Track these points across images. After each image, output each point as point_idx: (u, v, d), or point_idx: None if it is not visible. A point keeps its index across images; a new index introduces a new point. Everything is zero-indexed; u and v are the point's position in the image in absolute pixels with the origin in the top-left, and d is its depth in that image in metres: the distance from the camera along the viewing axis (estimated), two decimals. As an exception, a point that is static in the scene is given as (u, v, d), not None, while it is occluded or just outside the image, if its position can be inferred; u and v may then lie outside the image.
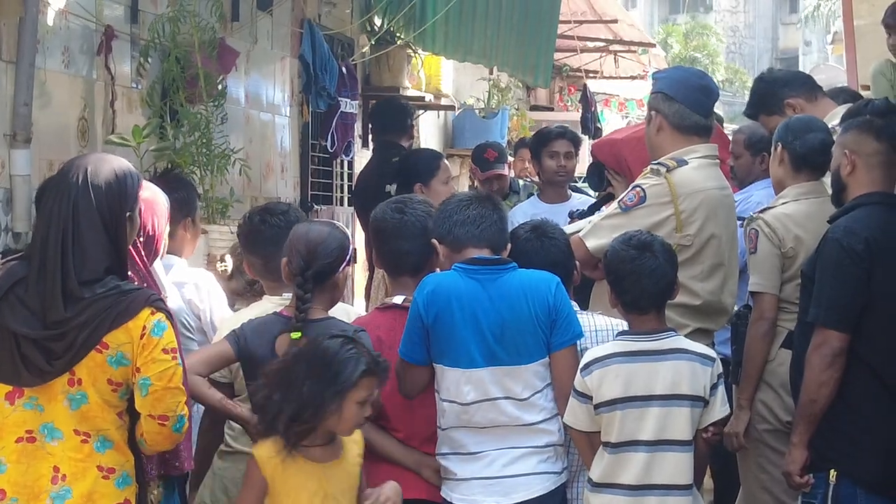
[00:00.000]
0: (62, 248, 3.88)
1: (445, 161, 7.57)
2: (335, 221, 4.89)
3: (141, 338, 3.92)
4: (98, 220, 3.93)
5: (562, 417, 4.63)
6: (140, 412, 3.99)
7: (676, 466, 4.51)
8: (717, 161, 5.54)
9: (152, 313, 3.95)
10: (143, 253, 4.45)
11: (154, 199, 4.57)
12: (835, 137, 5.34)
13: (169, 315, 3.99)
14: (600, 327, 4.84)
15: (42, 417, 3.93)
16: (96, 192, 3.95)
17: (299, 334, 4.49)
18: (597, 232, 5.36)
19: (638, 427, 4.50)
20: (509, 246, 4.77)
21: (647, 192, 5.33)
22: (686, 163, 5.39)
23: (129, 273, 4.22)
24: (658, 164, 5.39)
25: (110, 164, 4.05)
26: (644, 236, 4.72)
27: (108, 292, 3.90)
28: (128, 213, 4.01)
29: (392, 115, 9.11)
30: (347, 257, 4.68)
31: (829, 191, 5.32)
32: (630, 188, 5.47)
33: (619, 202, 5.46)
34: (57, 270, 3.86)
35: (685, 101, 5.47)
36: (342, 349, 4.16)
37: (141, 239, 4.42)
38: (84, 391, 3.93)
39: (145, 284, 4.35)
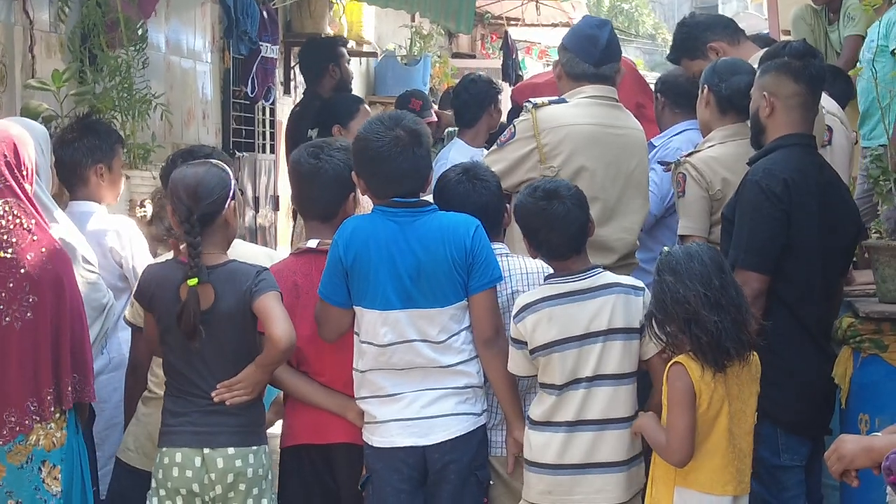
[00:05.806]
0: None
1: (366, 106, 7.57)
2: (212, 160, 4.75)
3: None
4: None
5: (481, 360, 4.65)
6: None
7: (612, 400, 4.54)
8: (610, 102, 5.54)
9: None
10: (24, 186, 4.46)
11: (23, 134, 4.56)
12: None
13: None
14: (531, 270, 4.86)
15: None
16: None
17: (195, 281, 4.45)
18: None
19: (578, 366, 4.53)
20: (432, 175, 4.78)
21: (517, 128, 5.44)
22: (565, 101, 5.47)
23: (15, 212, 4.33)
24: (528, 101, 5.50)
25: None
26: (548, 184, 4.74)
27: None
28: None
29: (305, 64, 9.24)
30: (231, 193, 4.59)
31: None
32: None
33: (498, 139, 5.59)
34: None
35: (574, 50, 5.57)
36: None
37: (24, 172, 4.46)
38: None
39: (34, 221, 4.40)
